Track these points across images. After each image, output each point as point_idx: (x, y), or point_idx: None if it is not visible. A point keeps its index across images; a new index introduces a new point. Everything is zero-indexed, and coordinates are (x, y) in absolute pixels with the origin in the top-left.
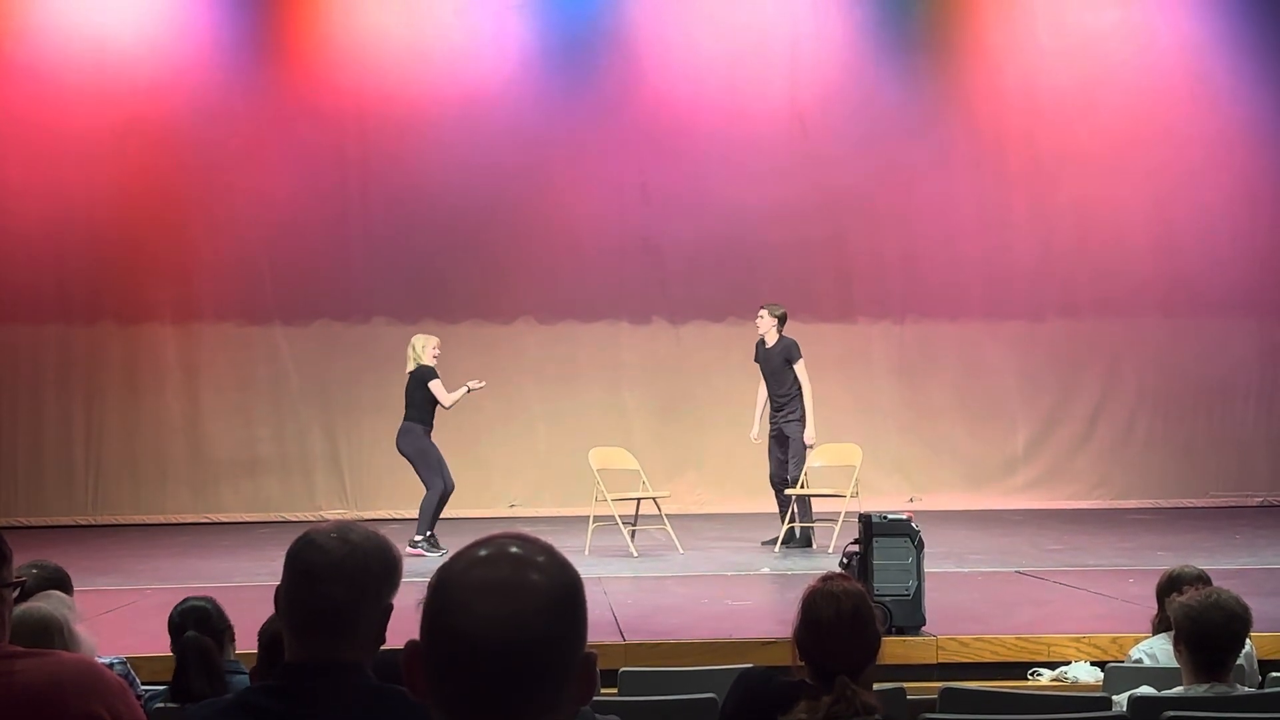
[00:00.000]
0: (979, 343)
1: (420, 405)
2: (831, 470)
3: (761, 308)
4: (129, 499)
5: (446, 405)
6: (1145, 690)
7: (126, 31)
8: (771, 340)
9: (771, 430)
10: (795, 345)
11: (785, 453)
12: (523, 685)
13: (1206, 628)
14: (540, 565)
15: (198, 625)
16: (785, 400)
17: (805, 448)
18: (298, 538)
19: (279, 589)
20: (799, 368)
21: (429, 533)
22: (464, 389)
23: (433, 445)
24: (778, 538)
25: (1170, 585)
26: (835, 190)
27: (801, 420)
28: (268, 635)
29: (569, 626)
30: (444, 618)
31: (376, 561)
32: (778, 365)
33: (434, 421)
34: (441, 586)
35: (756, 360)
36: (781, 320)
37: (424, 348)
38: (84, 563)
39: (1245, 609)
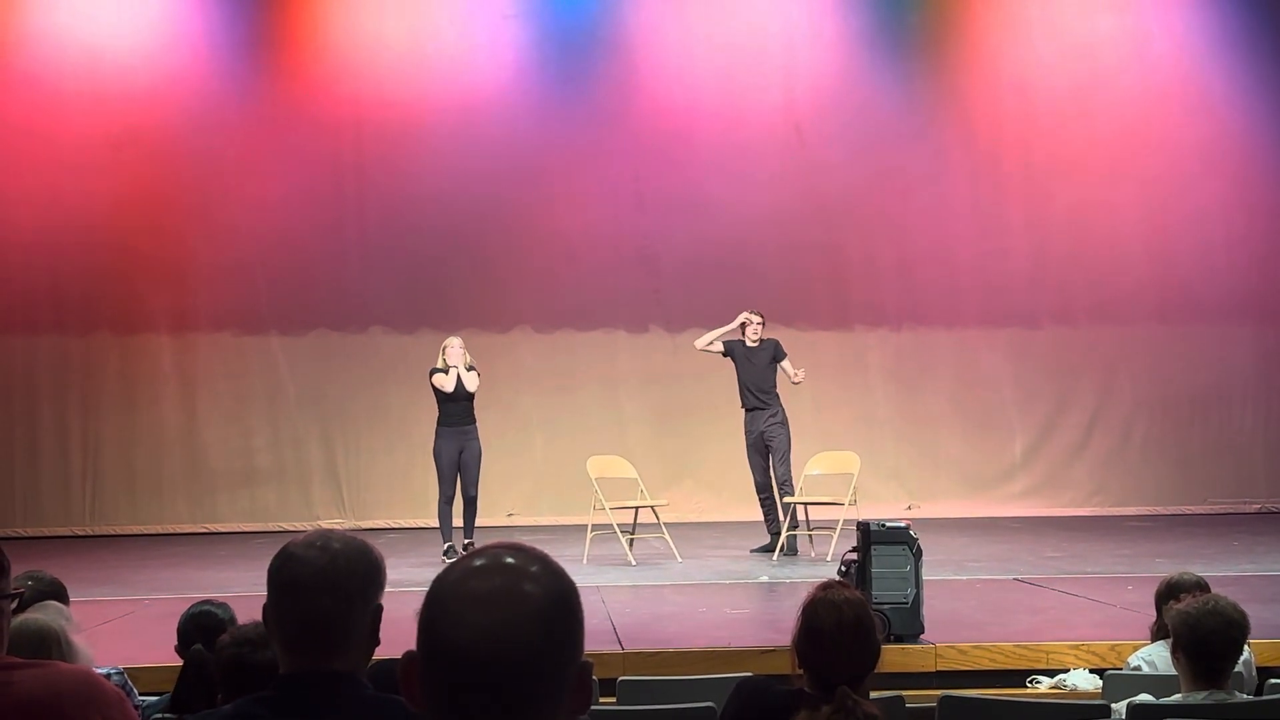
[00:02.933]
0: (975, 350)
1: (437, 405)
2: (829, 478)
3: (749, 313)
4: (126, 509)
5: (449, 390)
6: (1144, 698)
7: (122, 40)
8: (755, 341)
9: (750, 438)
10: (779, 343)
11: (768, 459)
12: (517, 695)
13: (1204, 635)
14: (533, 575)
15: (208, 632)
16: (769, 399)
17: (790, 445)
18: (277, 553)
19: (265, 606)
20: (786, 364)
21: (446, 544)
22: (453, 370)
23: (444, 449)
24: (772, 545)
25: (1169, 592)
26: (831, 197)
27: (784, 423)
28: (227, 660)
29: (563, 636)
30: (438, 628)
31: (359, 564)
32: (764, 363)
33: (453, 420)
34: (436, 597)
35: (732, 357)
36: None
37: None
38: (81, 573)
39: (1243, 616)
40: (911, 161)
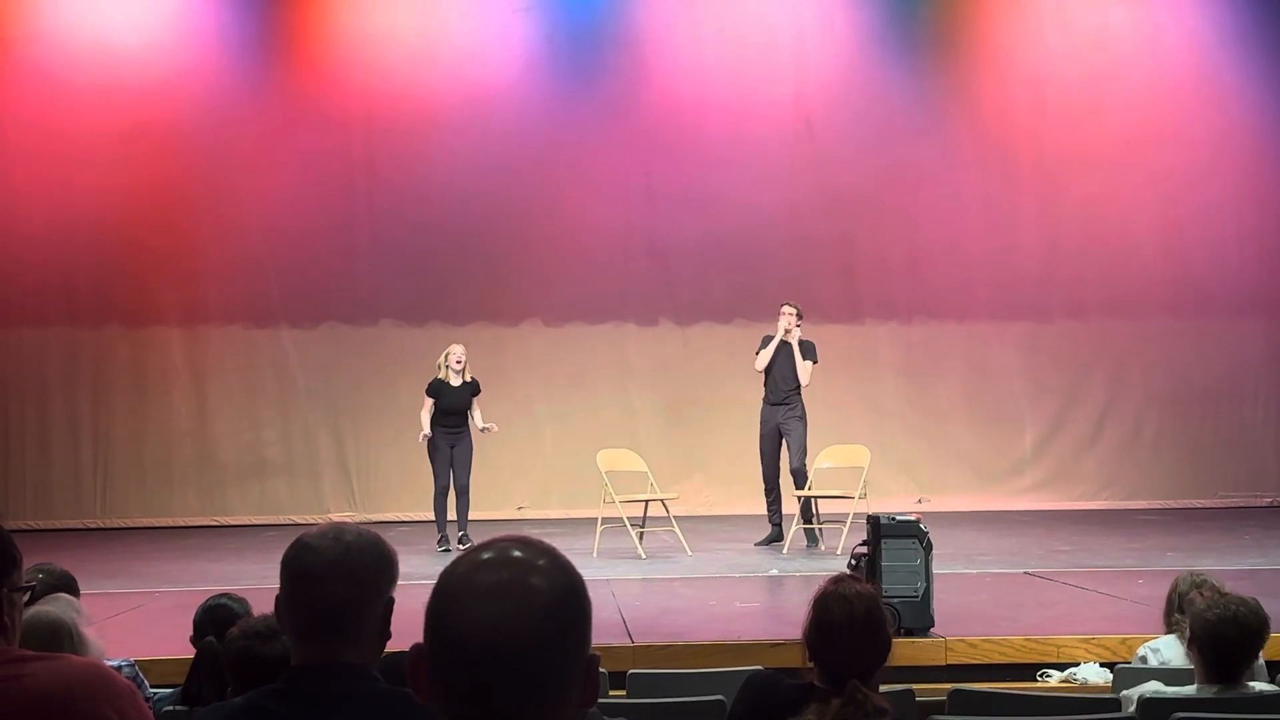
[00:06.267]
0: (986, 344)
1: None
2: (840, 471)
3: (789, 306)
4: (137, 502)
5: (422, 424)
6: (1154, 686)
7: (133, 35)
8: (788, 335)
9: (765, 428)
10: (813, 346)
11: (779, 451)
12: (524, 689)
13: (1222, 642)
14: (541, 569)
15: (222, 625)
16: (792, 396)
17: (806, 438)
18: (291, 544)
19: (278, 597)
20: (808, 365)
21: (440, 535)
22: (423, 431)
23: (438, 444)
24: (776, 537)
25: (1177, 596)
26: (841, 190)
27: (803, 417)
28: (236, 653)
29: (570, 630)
30: (445, 621)
31: (372, 557)
32: (796, 360)
33: (446, 423)
34: (444, 590)
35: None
36: (801, 316)
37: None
38: (92, 566)
39: (1263, 622)
40: (922, 155)
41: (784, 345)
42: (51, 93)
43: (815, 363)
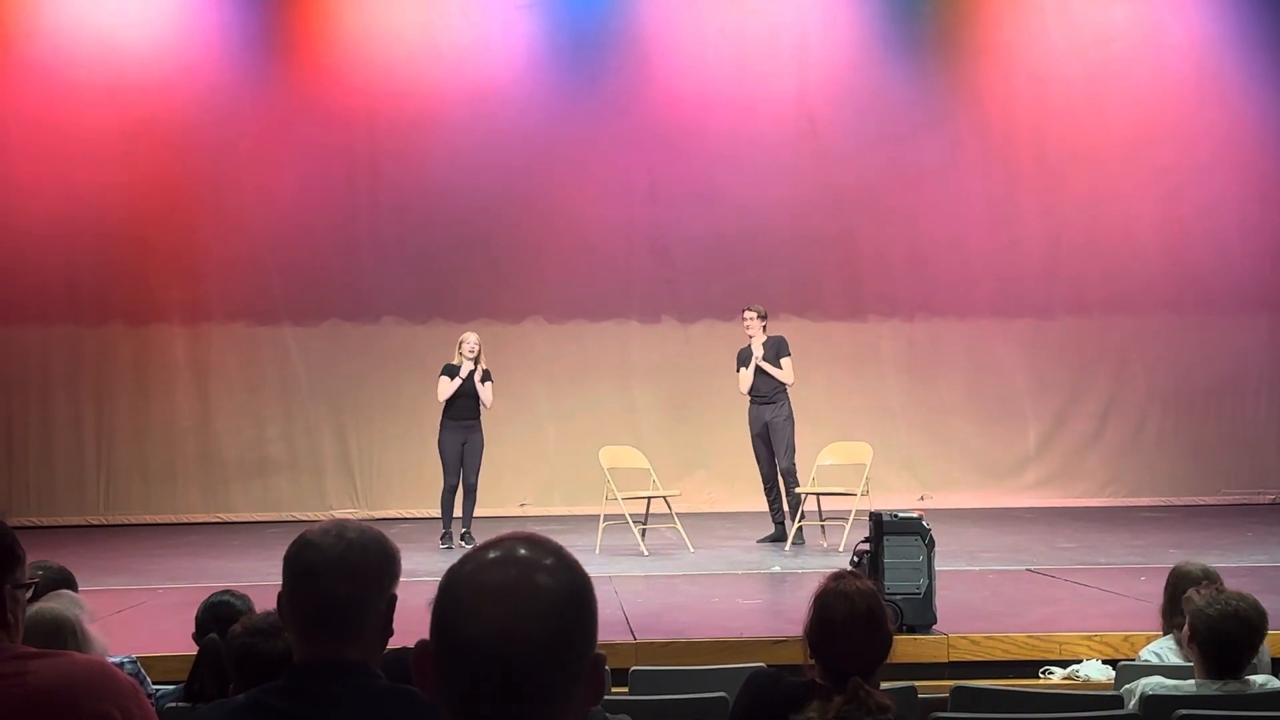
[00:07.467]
0: (989, 341)
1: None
2: (842, 468)
3: (750, 310)
4: (139, 499)
5: (440, 399)
6: (1157, 680)
7: (136, 32)
8: (761, 339)
9: (754, 429)
10: (785, 340)
11: (772, 450)
12: (530, 688)
13: (1222, 638)
14: (548, 568)
15: (225, 623)
16: (775, 395)
17: (793, 437)
18: (294, 540)
19: (281, 594)
20: (783, 363)
21: (444, 532)
22: (456, 382)
23: (448, 440)
24: (778, 535)
25: (1179, 585)
26: (844, 188)
27: (789, 417)
28: (238, 650)
29: (577, 630)
30: (451, 621)
31: (374, 554)
32: (768, 360)
33: (457, 415)
34: (450, 589)
35: (744, 363)
36: (764, 317)
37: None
38: (95, 563)
39: (1262, 618)
40: (924, 152)
41: (755, 350)
42: (54, 90)
43: (789, 355)
